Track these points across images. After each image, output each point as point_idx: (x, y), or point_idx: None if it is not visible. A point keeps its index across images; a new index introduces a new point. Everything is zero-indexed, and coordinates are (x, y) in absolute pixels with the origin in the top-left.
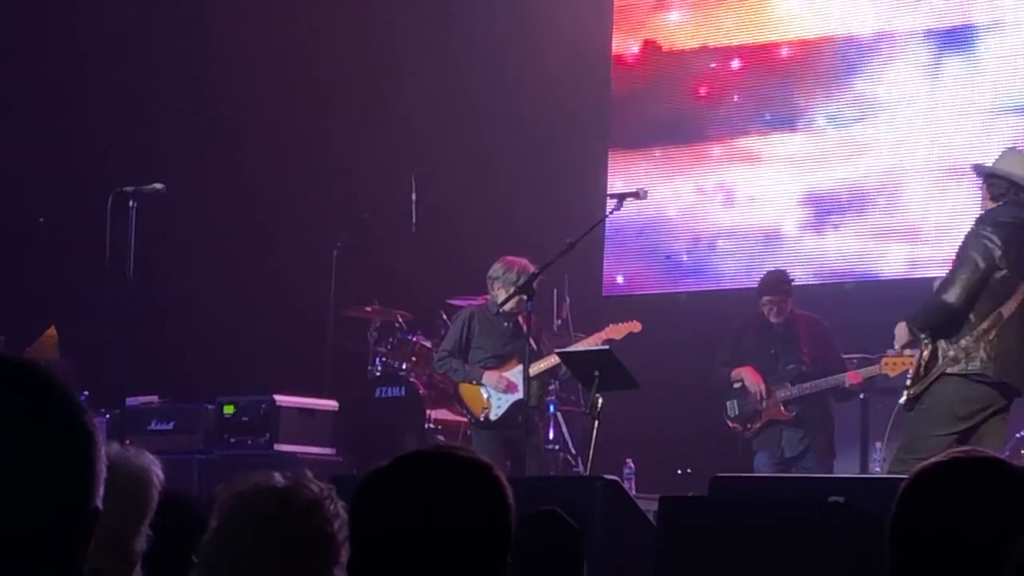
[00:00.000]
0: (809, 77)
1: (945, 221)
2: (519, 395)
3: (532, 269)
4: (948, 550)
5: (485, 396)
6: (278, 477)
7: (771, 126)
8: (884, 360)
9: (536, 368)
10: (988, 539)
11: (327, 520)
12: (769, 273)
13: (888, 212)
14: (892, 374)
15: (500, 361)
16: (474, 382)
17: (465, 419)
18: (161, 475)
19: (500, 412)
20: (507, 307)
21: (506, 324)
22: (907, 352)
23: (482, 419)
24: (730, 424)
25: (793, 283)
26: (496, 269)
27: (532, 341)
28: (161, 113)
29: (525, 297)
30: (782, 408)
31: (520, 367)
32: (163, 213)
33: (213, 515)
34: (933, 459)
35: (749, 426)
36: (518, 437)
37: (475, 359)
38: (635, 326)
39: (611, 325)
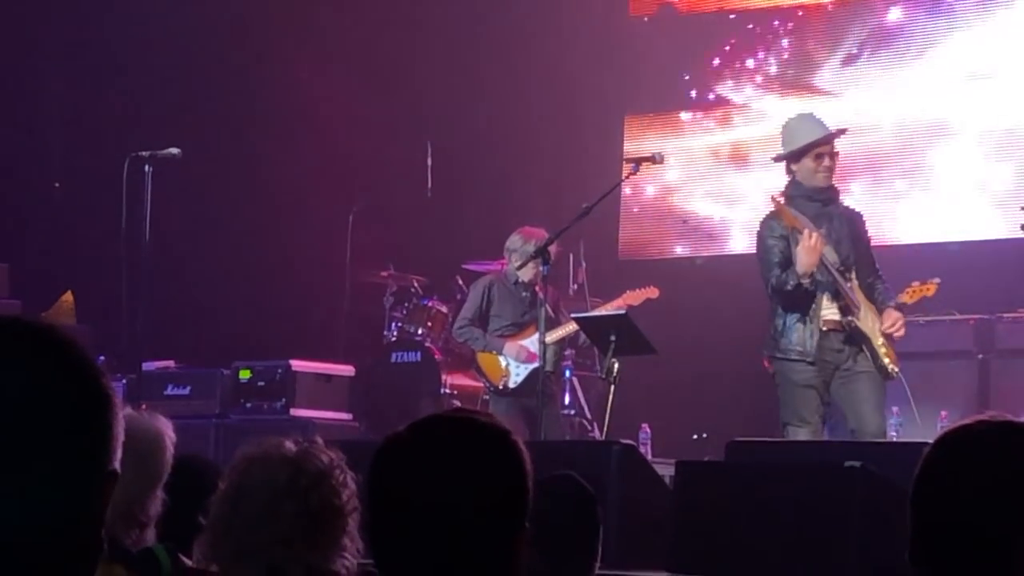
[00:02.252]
0: (827, 39)
1: (961, 184)
2: (538, 364)
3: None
4: (974, 515)
5: (504, 364)
6: (289, 445)
7: (788, 89)
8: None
9: (553, 336)
10: (1012, 503)
11: (335, 490)
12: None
13: (904, 175)
14: (909, 301)
15: (518, 329)
16: (494, 352)
17: (482, 384)
18: (174, 438)
19: (519, 380)
20: (525, 277)
21: (524, 294)
22: (932, 280)
23: (500, 387)
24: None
25: None
26: (514, 240)
27: (549, 309)
28: (177, 77)
29: (541, 261)
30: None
31: (537, 336)
32: (179, 178)
33: (223, 479)
34: (959, 423)
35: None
36: (535, 405)
37: (494, 327)
38: (653, 292)
39: (628, 291)
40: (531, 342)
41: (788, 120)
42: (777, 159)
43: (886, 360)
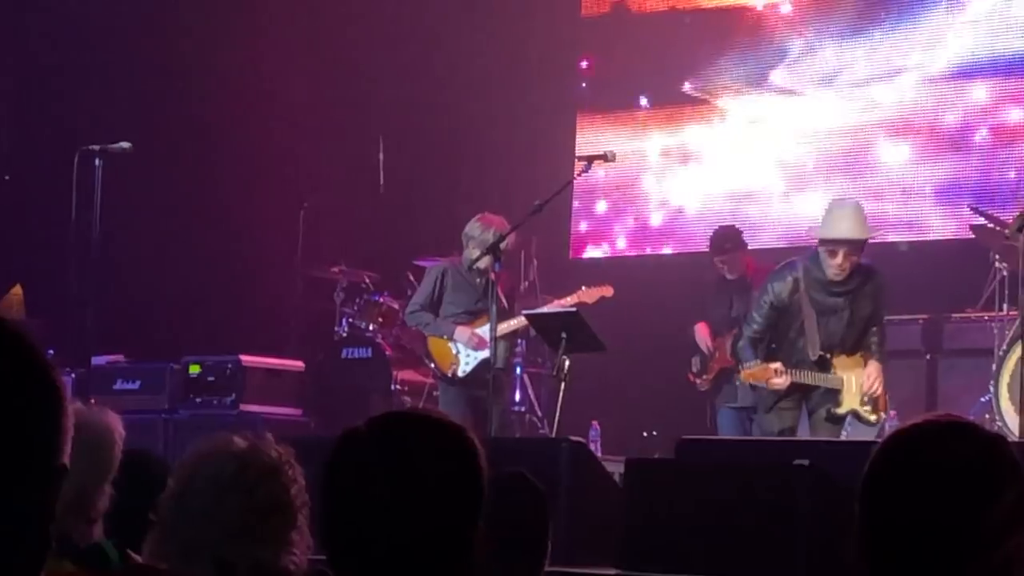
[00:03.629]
0: (777, 40)
1: (911, 184)
2: (489, 352)
3: (508, 229)
4: (921, 513)
5: (454, 352)
6: (238, 440)
7: (740, 89)
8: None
9: (506, 327)
10: (961, 502)
11: (284, 486)
12: (716, 233)
13: (856, 175)
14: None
15: (471, 317)
16: (445, 337)
17: (431, 380)
18: (123, 433)
19: (468, 369)
20: (481, 264)
21: (478, 281)
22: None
23: (450, 375)
24: (690, 378)
25: (743, 235)
26: (473, 228)
27: (503, 298)
28: (129, 72)
29: (493, 257)
30: (728, 356)
31: (489, 324)
32: (129, 172)
33: (172, 475)
34: (908, 422)
35: (705, 377)
36: (484, 396)
37: (446, 314)
38: (607, 290)
39: (583, 288)
40: (483, 330)
41: (835, 200)
42: (808, 233)
43: (873, 419)
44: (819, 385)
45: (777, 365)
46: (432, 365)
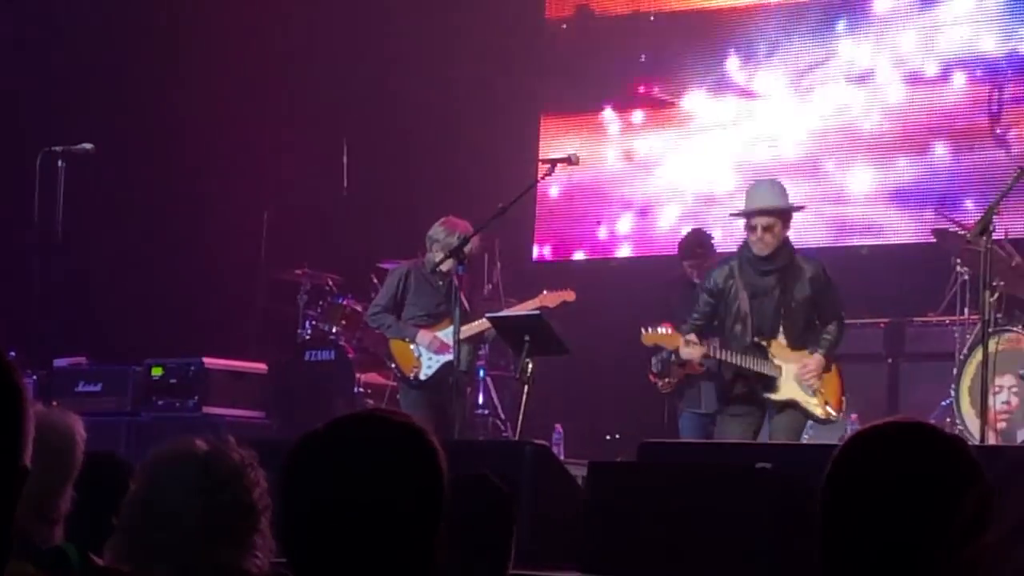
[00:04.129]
0: (742, 43)
1: (873, 187)
2: (451, 356)
3: (472, 232)
4: (883, 515)
5: (416, 355)
6: (200, 443)
7: (704, 91)
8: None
9: (467, 330)
10: (922, 504)
11: (247, 488)
12: (686, 236)
13: (818, 178)
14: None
15: (433, 320)
16: (407, 340)
17: (393, 383)
18: (85, 435)
19: (430, 372)
20: (444, 267)
21: (441, 283)
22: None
23: (411, 378)
24: (651, 378)
25: (713, 240)
26: (437, 231)
27: (465, 301)
28: (92, 73)
29: (457, 261)
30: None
31: (451, 327)
32: (93, 174)
33: (134, 478)
34: (869, 424)
35: (668, 380)
36: (446, 399)
37: (408, 316)
38: (569, 295)
39: (546, 292)
40: (445, 334)
41: (754, 181)
42: (733, 215)
43: (820, 413)
44: (751, 369)
45: (691, 336)
46: (394, 367)
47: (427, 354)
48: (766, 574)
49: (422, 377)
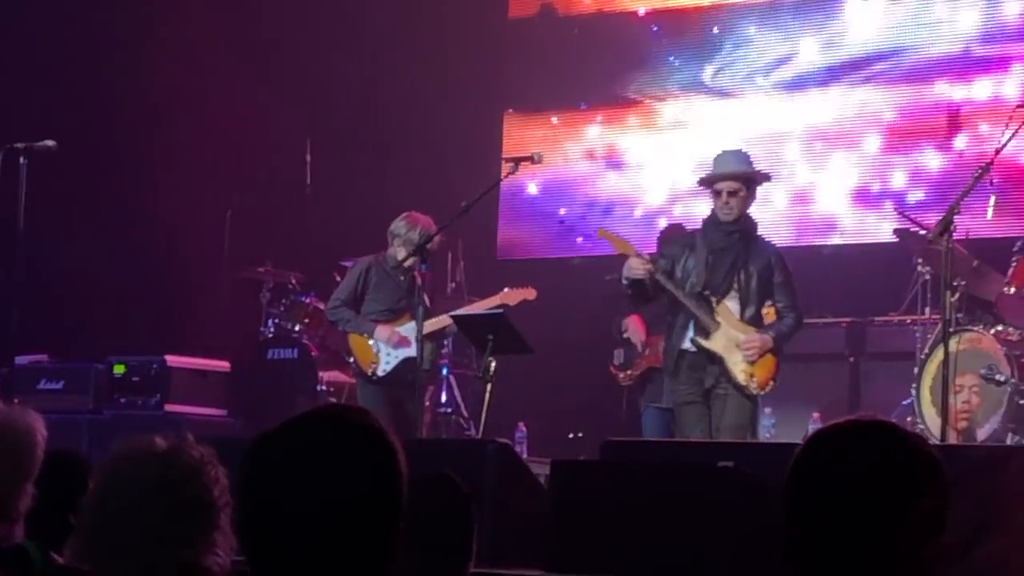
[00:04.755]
0: (707, 43)
1: (835, 187)
2: (409, 351)
3: (435, 229)
4: (844, 512)
5: (375, 351)
6: (159, 441)
7: (668, 90)
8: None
9: (428, 327)
10: (883, 501)
11: (207, 486)
12: (665, 229)
13: (782, 177)
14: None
15: (393, 316)
16: (365, 335)
17: (355, 381)
18: (46, 433)
19: (388, 368)
20: (407, 262)
21: (402, 279)
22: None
23: (369, 373)
24: (612, 370)
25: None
26: (399, 226)
27: (426, 298)
28: (54, 70)
29: (420, 258)
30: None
31: (412, 323)
32: (55, 170)
33: (93, 477)
34: (831, 422)
35: (628, 372)
36: (404, 396)
37: (368, 311)
38: (530, 293)
39: (506, 289)
40: (404, 328)
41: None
42: (699, 183)
43: (741, 377)
44: (686, 305)
45: (645, 255)
46: (352, 362)
47: (385, 350)
48: (729, 572)
49: (380, 373)
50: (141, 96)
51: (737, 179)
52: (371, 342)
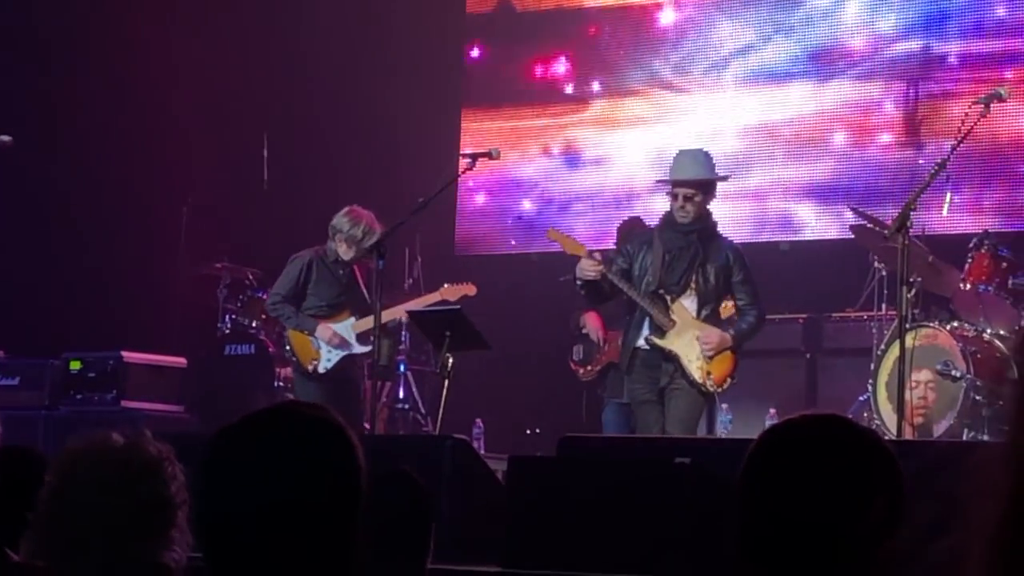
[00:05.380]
0: (663, 39)
1: (792, 184)
2: (350, 350)
3: (378, 224)
4: (798, 507)
5: (316, 347)
6: (116, 437)
7: (626, 86)
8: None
9: (364, 325)
10: (837, 497)
11: (164, 483)
12: (624, 223)
13: (739, 174)
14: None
15: (332, 311)
16: (306, 332)
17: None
18: (1, 430)
19: (329, 365)
20: (345, 256)
21: (342, 273)
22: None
23: (310, 369)
24: (572, 365)
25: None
26: (341, 221)
27: (365, 293)
28: (9, 64)
29: (378, 255)
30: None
31: (351, 319)
32: (10, 165)
33: (49, 472)
34: (784, 419)
35: (589, 368)
36: (344, 392)
37: (308, 306)
38: (470, 289)
39: (446, 286)
40: (343, 327)
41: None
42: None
43: (697, 374)
44: (645, 309)
45: (597, 256)
46: (292, 358)
47: (327, 346)
48: (685, 567)
49: (320, 370)
50: (98, 92)
51: (691, 185)
52: (312, 338)
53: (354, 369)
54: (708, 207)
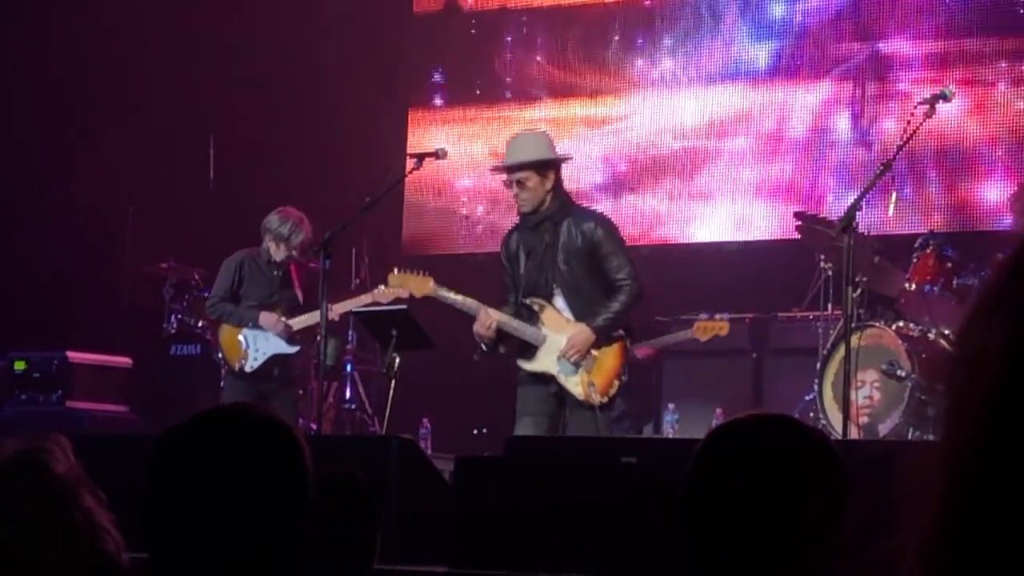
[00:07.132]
0: (611, 39)
1: (739, 184)
2: (282, 349)
3: (307, 223)
4: (744, 508)
5: (243, 347)
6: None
7: (569, 89)
8: (696, 325)
9: (299, 323)
10: (781, 497)
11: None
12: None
13: (687, 175)
14: (703, 338)
15: (266, 311)
16: (250, 324)
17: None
18: None
19: (256, 364)
20: (277, 256)
21: (276, 273)
22: (718, 317)
23: (236, 368)
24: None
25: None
26: (271, 220)
27: (299, 292)
28: None
29: (325, 255)
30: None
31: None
32: None
33: None
34: (730, 419)
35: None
36: (272, 391)
37: (240, 307)
38: (403, 292)
39: (380, 287)
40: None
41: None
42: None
43: (578, 391)
44: (513, 333)
45: (495, 312)
46: (220, 357)
47: (254, 345)
48: (633, 567)
49: (247, 369)
50: (44, 92)
51: (523, 168)
52: (240, 337)
53: (287, 369)
54: (554, 189)
